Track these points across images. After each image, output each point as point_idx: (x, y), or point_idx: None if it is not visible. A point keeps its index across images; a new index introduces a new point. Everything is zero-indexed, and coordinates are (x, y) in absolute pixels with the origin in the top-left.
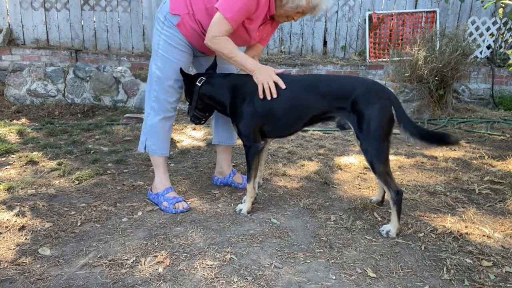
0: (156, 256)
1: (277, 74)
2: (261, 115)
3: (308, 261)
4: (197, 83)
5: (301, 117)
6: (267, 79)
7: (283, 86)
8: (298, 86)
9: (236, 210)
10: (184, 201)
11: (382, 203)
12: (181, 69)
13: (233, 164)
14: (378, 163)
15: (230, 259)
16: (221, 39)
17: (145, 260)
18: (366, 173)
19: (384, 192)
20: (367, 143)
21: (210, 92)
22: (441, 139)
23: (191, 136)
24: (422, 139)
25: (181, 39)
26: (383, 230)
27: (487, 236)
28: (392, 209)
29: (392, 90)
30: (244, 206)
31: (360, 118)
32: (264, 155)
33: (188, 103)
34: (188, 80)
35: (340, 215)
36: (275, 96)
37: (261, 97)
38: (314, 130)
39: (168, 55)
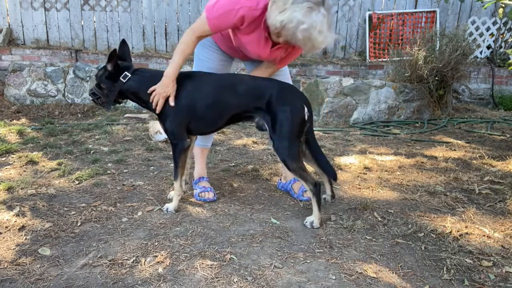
0: (156, 256)
1: (194, 72)
2: (186, 112)
3: (308, 261)
4: (121, 78)
5: (222, 115)
6: (159, 94)
7: (172, 103)
8: (219, 85)
9: (163, 210)
10: (212, 192)
11: (333, 197)
12: (113, 52)
13: (233, 164)
14: (291, 160)
15: (230, 259)
16: (192, 38)
17: (145, 260)
18: (366, 173)
19: (331, 185)
20: (278, 143)
21: (134, 89)
22: (320, 162)
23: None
24: (311, 150)
25: (210, 40)
26: (306, 222)
27: (487, 236)
28: (312, 200)
29: (392, 90)
30: (171, 205)
31: (273, 119)
32: (190, 153)
33: (97, 87)
34: (114, 69)
35: (340, 215)
36: (168, 106)
37: (154, 105)
38: (314, 130)
39: (199, 54)
